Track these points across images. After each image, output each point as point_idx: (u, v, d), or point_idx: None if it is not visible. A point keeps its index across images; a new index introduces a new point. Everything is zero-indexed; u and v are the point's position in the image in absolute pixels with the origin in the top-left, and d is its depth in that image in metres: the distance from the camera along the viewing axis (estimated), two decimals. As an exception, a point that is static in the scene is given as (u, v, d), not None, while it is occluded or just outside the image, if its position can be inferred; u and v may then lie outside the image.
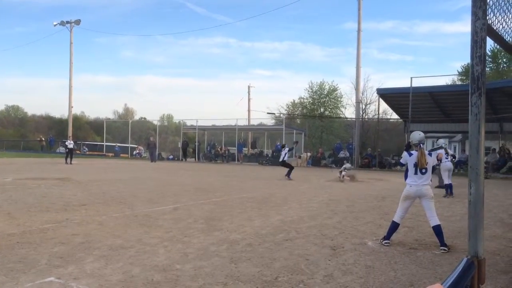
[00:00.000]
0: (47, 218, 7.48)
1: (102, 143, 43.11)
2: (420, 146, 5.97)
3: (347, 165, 18.26)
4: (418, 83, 26.00)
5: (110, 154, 38.85)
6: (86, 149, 42.67)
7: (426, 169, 5.85)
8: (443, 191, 12.15)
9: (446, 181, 12.13)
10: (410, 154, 5.99)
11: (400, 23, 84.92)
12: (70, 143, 26.19)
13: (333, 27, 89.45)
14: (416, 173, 5.92)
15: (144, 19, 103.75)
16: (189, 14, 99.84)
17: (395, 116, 32.53)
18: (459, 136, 35.59)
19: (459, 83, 38.22)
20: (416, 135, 6.12)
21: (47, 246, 5.54)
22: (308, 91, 44.95)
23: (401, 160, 6.37)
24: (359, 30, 29.43)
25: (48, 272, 4.45)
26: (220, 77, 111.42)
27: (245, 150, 36.26)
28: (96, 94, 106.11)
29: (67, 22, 40.73)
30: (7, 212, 7.97)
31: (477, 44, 1.48)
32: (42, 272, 4.45)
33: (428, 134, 38.05)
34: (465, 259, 1.48)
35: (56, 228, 6.61)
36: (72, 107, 42.13)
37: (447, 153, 12.38)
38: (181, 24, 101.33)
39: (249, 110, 46.84)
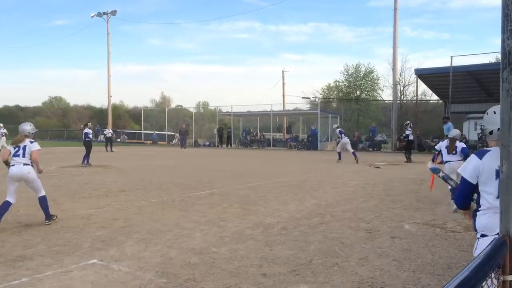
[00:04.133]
0: (90, 204, 7.79)
1: (141, 131, 44.16)
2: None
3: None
4: (459, 62, 24.92)
5: (149, 142, 39.76)
6: (126, 137, 43.82)
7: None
8: None
9: (339, 149, 18.20)
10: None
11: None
12: (108, 132, 27.03)
13: (358, 5, 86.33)
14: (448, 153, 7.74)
15: (167, 6, 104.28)
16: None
17: (434, 97, 31.60)
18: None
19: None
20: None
21: (90, 230, 5.78)
22: (344, 74, 44.29)
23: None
24: (395, 9, 28.57)
25: (91, 255, 4.65)
26: (249, 62, 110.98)
27: (280, 135, 36.23)
28: (128, 83, 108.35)
29: (104, 13, 41.61)
30: (53, 198, 8.32)
31: (508, 17, 1.43)
32: (86, 255, 4.66)
33: (471, 115, 36.74)
34: (497, 238, 1.45)
35: (98, 213, 6.89)
36: (111, 96, 43.23)
37: (342, 132, 18.37)
38: (203, 8, 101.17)
39: (283, 95, 46.63)
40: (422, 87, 31.60)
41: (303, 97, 44.66)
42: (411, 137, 18.68)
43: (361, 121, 39.98)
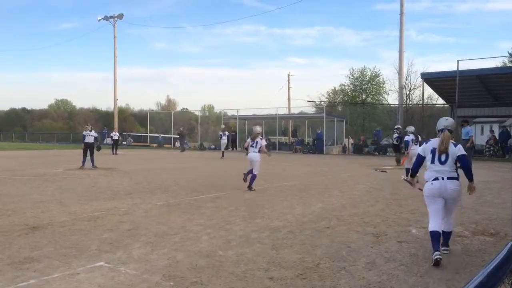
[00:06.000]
0: (96, 206, 7.80)
1: (146, 134, 44.26)
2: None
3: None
4: (465, 66, 24.69)
5: (154, 145, 39.81)
6: (131, 140, 43.94)
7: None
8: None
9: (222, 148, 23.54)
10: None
11: (438, 3, 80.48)
12: (115, 135, 27.14)
13: (364, 9, 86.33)
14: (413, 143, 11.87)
15: (173, 9, 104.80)
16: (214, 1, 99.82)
17: (440, 101, 31.45)
18: (510, 120, 33.95)
19: (510, 65, 36.32)
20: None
21: (96, 233, 5.79)
22: (349, 77, 44.26)
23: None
24: (401, 13, 28.51)
25: (98, 257, 4.66)
26: (254, 66, 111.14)
27: (285, 138, 36.15)
28: (134, 86, 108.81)
29: (111, 17, 41.79)
30: (59, 201, 8.38)
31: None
32: (93, 257, 4.67)
33: (477, 119, 36.56)
34: (510, 243, 1.44)
35: (104, 216, 6.90)
36: (117, 99, 43.36)
37: (223, 135, 23.75)
38: (208, 11, 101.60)
39: (289, 99, 46.60)
40: (428, 91, 31.47)
41: (308, 101, 44.63)
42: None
43: (367, 125, 39.86)
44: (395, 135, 17.86)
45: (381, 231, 5.99)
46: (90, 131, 16.02)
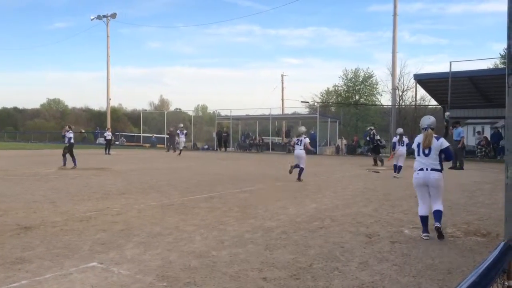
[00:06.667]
0: (89, 206, 7.76)
1: (139, 134, 44.07)
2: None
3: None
4: (458, 67, 24.90)
5: (147, 145, 39.66)
6: (124, 140, 43.72)
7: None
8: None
9: (180, 146, 25.36)
10: None
11: (431, 4, 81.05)
12: (108, 135, 27.00)
13: (358, 10, 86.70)
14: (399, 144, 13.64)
15: (167, 9, 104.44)
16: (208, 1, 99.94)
17: (433, 102, 31.63)
18: (501, 122, 34.21)
19: (502, 66, 36.61)
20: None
21: (89, 233, 5.76)
22: (343, 78, 44.36)
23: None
24: (395, 14, 28.65)
25: (90, 258, 4.64)
26: (248, 66, 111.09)
27: (279, 139, 36.18)
28: (127, 86, 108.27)
29: (104, 16, 41.59)
30: (52, 201, 8.32)
31: (514, 22, 1.43)
32: (85, 258, 4.64)
33: (469, 120, 36.79)
34: (502, 243, 1.45)
35: (97, 216, 6.86)
36: (110, 99, 43.16)
37: (182, 132, 25.57)
38: (202, 11, 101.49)
39: (282, 99, 46.68)
40: (421, 92, 31.65)
41: (302, 101, 44.74)
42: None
43: (360, 125, 39.97)
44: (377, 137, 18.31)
45: (374, 231, 6.02)
46: (68, 131, 16.02)
